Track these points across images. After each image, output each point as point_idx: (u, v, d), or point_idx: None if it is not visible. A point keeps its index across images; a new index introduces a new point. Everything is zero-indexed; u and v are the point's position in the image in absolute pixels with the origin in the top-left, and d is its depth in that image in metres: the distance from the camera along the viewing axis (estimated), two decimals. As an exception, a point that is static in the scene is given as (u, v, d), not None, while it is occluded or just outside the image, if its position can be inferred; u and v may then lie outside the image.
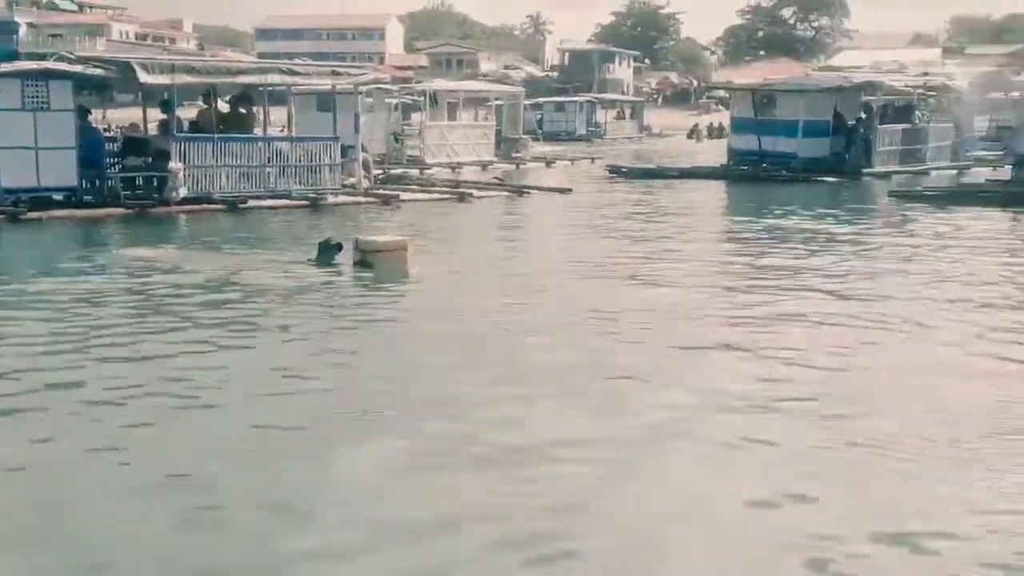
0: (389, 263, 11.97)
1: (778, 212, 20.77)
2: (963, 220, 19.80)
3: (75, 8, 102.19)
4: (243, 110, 21.19)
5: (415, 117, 34.35)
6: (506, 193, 24.60)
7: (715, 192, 26.81)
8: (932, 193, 24.41)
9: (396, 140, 32.50)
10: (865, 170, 29.51)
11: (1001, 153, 32.28)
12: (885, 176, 29.39)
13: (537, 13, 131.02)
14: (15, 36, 78.60)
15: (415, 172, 28.89)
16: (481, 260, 14.29)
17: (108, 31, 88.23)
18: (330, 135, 21.62)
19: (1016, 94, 27.10)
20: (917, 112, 33.01)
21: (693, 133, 62.52)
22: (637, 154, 43.41)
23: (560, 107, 59.96)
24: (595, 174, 31.73)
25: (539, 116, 54.50)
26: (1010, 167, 25.94)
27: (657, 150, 48.01)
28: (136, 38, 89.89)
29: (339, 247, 12.39)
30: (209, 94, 20.77)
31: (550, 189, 25.46)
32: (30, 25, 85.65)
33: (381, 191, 22.68)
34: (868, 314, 10.10)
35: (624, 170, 31.70)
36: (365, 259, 12.05)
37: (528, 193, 24.40)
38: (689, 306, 10.56)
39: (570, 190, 24.96)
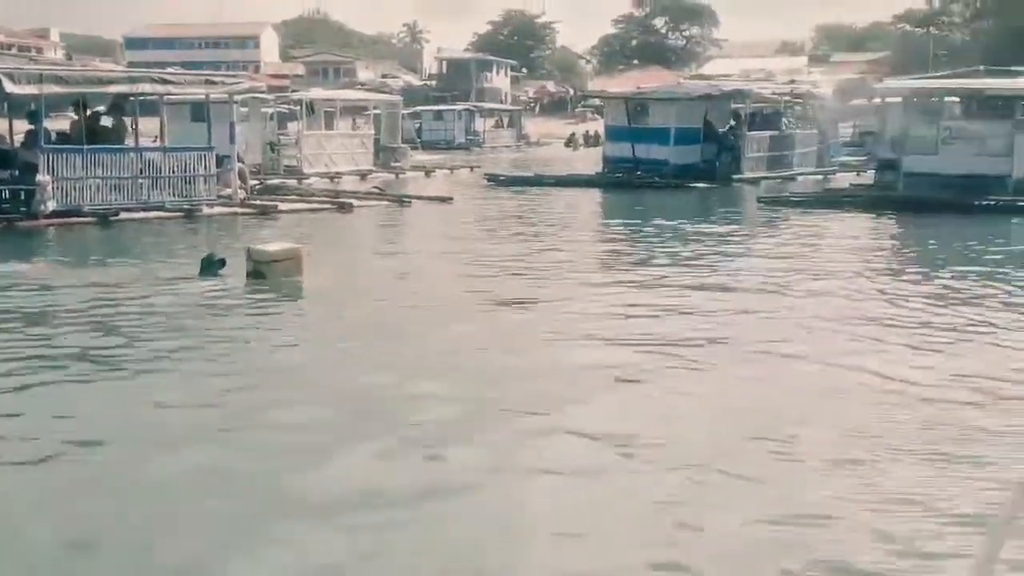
0: (283, 273, 11.80)
1: (651, 218, 21.20)
2: (827, 223, 20.61)
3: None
4: (114, 120, 20.87)
5: (291, 127, 34.07)
6: (387, 203, 24.64)
7: (591, 199, 27.22)
8: (799, 198, 25.18)
9: (272, 150, 32.16)
10: (735, 176, 30.17)
11: (864, 158, 33.50)
12: (754, 182, 30.10)
13: (414, 22, 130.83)
14: None
15: (293, 182, 28.66)
16: (372, 270, 14.26)
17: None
18: (204, 145, 21.37)
19: (878, 100, 27.72)
20: (784, 119, 33.87)
21: (570, 141, 63.30)
22: (515, 162, 43.82)
23: (438, 116, 60.09)
24: (474, 183, 31.92)
25: (418, 125, 54.61)
26: (873, 172, 26.69)
27: (535, 158, 48.51)
28: (0, 47, 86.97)
29: (222, 262, 12.21)
30: (79, 104, 20.31)
31: (431, 198, 25.55)
32: None
33: (258, 202, 22.50)
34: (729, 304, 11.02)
35: (502, 178, 31.96)
36: (258, 269, 11.83)
37: (409, 203, 24.48)
38: (565, 305, 11.11)
39: (451, 199, 25.11)
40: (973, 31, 79.67)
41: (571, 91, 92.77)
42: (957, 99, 25.10)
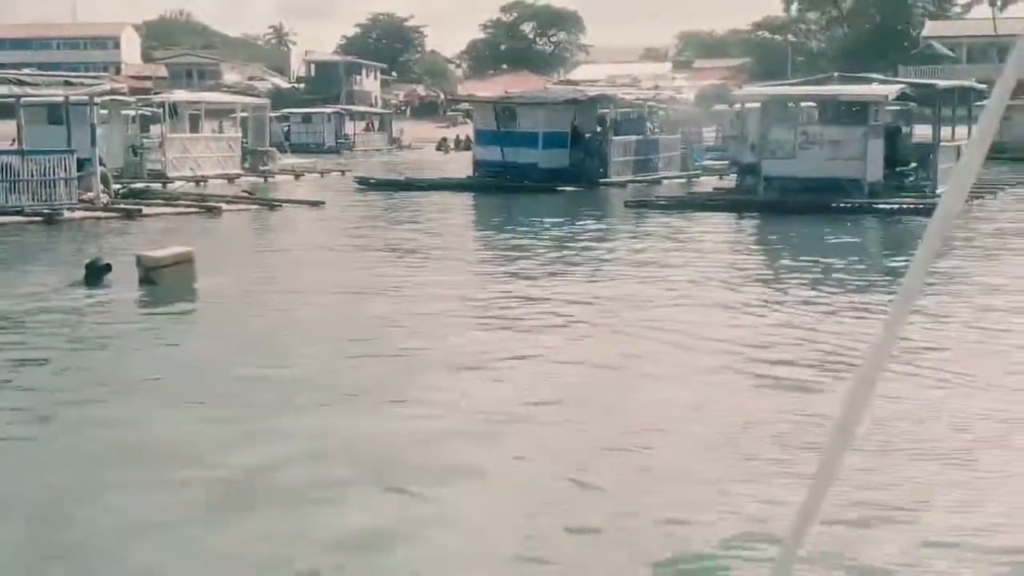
0: (175, 278, 11.70)
1: (523, 220, 21.54)
2: (691, 225, 21.19)
3: None
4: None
5: (155, 130, 33.33)
6: (256, 207, 24.43)
7: (462, 202, 27.46)
8: (664, 202, 25.66)
9: (135, 153, 31.43)
10: (602, 180, 30.59)
11: (727, 163, 34.03)
12: (621, 185, 30.57)
13: (280, 23, 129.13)
14: None
15: (157, 187, 28.23)
16: (258, 274, 14.19)
17: None
18: (64, 148, 20.94)
19: (738, 106, 28.65)
20: (649, 124, 34.39)
21: (442, 145, 63.21)
22: (387, 166, 43.72)
23: (307, 119, 59.32)
24: (345, 186, 31.77)
25: (286, 128, 54.06)
26: (735, 175, 27.39)
27: (407, 162, 48.43)
28: None
29: (108, 267, 12.03)
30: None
31: (301, 202, 25.41)
32: None
33: (122, 205, 22.17)
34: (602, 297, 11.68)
35: (372, 182, 31.91)
36: (149, 276, 11.71)
37: (279, 206, 24.29)
38: (442, 300, 11.82)
39: (322, 203, 25.00)
40: (828, 38, 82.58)
41: (442, 95, 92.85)
42: (813, 104, 25.85)
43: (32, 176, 20.23)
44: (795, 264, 14.93)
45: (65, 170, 20.72)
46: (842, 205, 22.66)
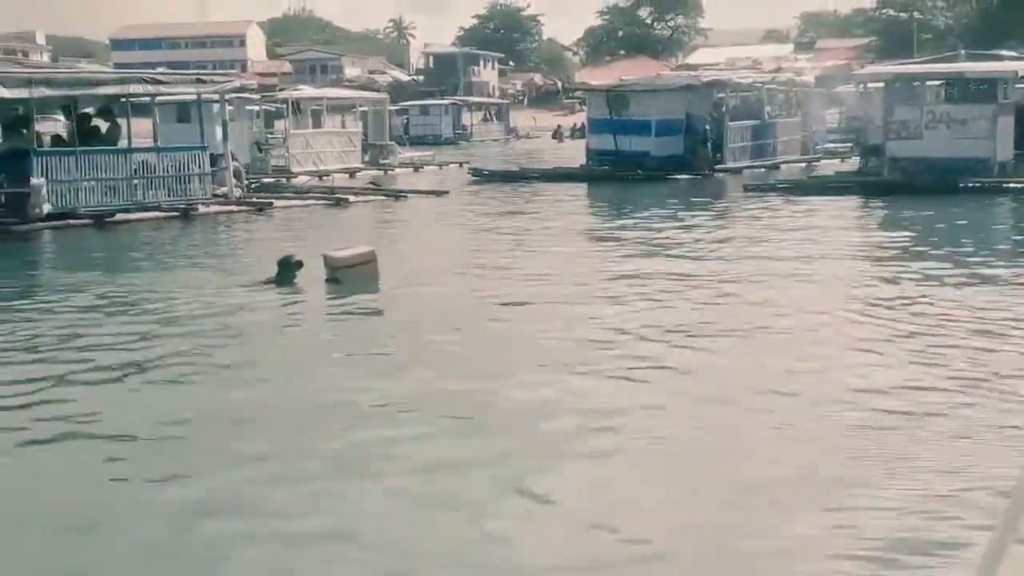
0: (359, 277, 11.82)
1: (638, 209, 21.49)
2: (815, 208, 20.85)
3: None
4: (106, 122, 21.07)
5: (278, 125, 33.97)
6: (382, 197, 24.75)
7: (575, 192, 27.22)
8: (785, 185, 25.31)
9: (259, 150, 32.09)
10: (718, 167, 30.19)
11: (850, 146, 33.50)
12: (737, 172, 30.18)
13: (400, 17, 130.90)
14: None
15: (283, 182, 28.85)
16: (425, 267, 14.05)
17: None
18: (197, 144, 21.58)
19: (861, 87, 28.18)
20: (766, 108, 33.79)
21: (556, 134, 63.30)
22: (503, 156, 43.83)
23: (425, 111, 59.71)
24: (463, 178, 31.94)
25: (405, 120, 54.56)
26: (858, 158, 26.94)
27: (523, 152, 48.51)
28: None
29: (300, 264, 11.99)
30: (68, 108, 20.55)
31: (427, 192, 25.56)
32: None
33: (254, 199, 22.66)
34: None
35: (486, 173, 31.98)
36: (335, 275, 11.82)
37: (405, 197, 24.53)
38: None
39: (447, 192, 25.14)
40: (956, 15, 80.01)
41: (559, 83, 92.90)
42: (940, 83, 25.31)
43: (168, 172, 20.82)
44: (941, 246, 14.81)
45: (199, 166, 21.27)
46: (971, 185, 22.24)
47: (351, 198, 23.49)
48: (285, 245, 14.91)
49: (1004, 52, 29.10)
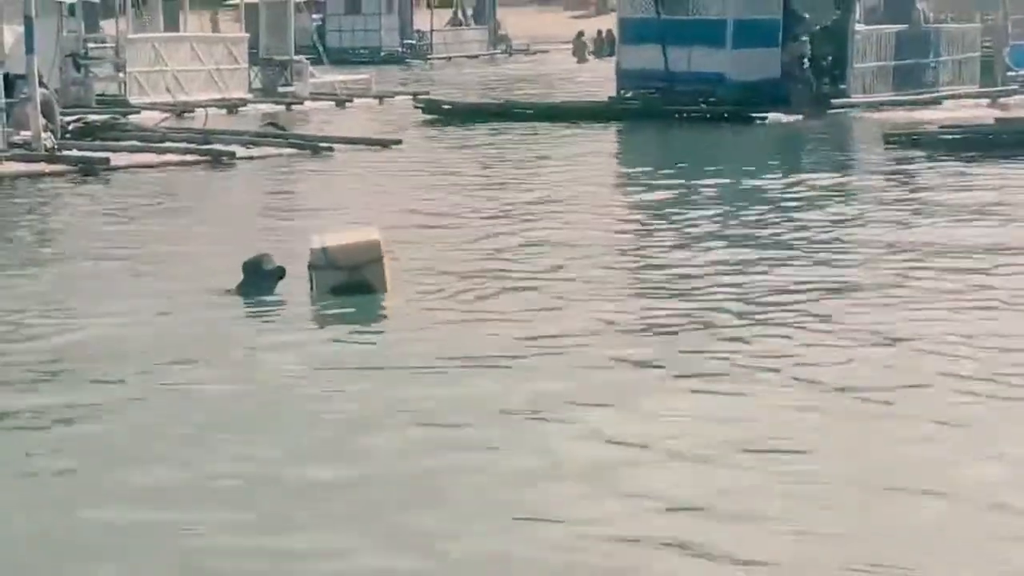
0: (362, 282, 11.48)
1: (697, 182, 19.19)
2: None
3: None
4: None
5: (106, 27, 32.32)
6: (289, 150, 23.13)
7: (594, 143, 25.38)
8: (957, 135, 22.77)
9: (77, 67, 29.63)
10: (835, 101, 28.36)
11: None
12: (870, 108, 28.72)
13: None
14: None
15: (119, 120, 26.27)
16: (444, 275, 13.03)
17: None
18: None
19: None
20: (921, 6, 31.66)
21: (578, 48, 57.07)
22: (487, 84, 42.57)
23: (355, 6, 56.19)
24: (414, 118, 30.39)
25: (321, 21, 52.50)
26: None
27: (518, 77, 46.80)
28: None
29: (281, 271, 11.70)
30: None
31: (363, 141, 24.08)
32: None
33: (77, 153, 21.00)
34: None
35: (447, 107, 30.32)
36: (358, 278, 11.43)
37: (329, 150, 22.87)
38: None
39: (398, 142, 23.84)
40: None
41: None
42: None
43: None
44: None
45: None
46: None
47: (237, 150, 22.10)
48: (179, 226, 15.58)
49: None
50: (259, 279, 11.78)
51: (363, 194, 19.59)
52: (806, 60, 28.52)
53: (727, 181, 19.41)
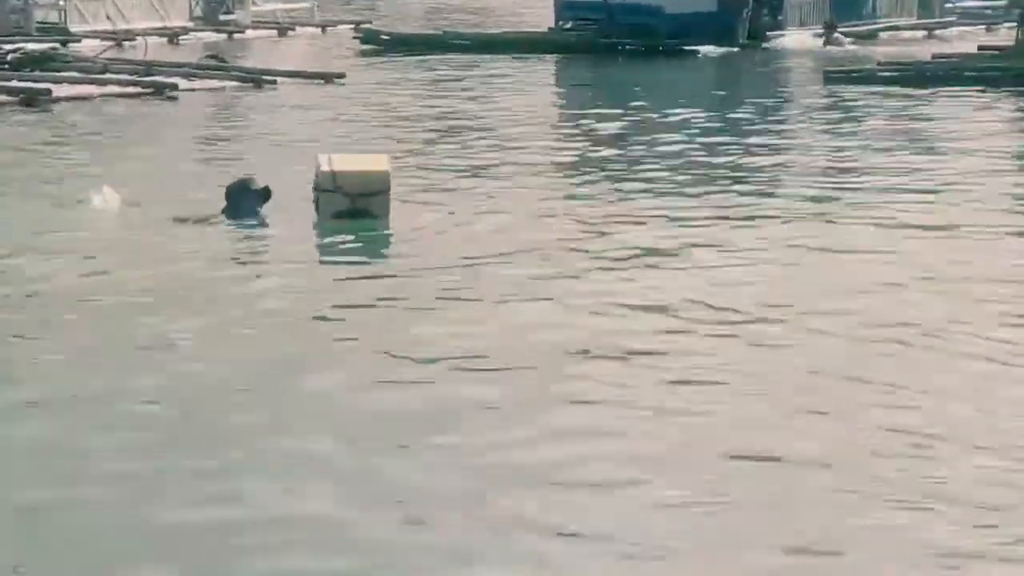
0: (365, 205, 11.51)
1: (634, 123, 19.17)
2: (948, 113, 19.47)
3: None
4: None
5: None
6: (233, 82, 23.21)
7: (532, 75, 25.47)
8: (892, 72, 23.11)
9: None
10: (770, 32, 28.64)
11: (1003, 6, 32.02)
12: (801, 39, 28.77)
13: None
14: None
15: (59, 50, 26.24)
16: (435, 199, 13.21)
17: None
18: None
19: None
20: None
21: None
22: (430, 12, 42.78)
23: None
24: (347, 49, 30.39)
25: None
26: (1017, 25, 25.42)
27: (462, 6, 46.37)
28: None
29: (267, 193, 11.60)
30: None
31: (305, 75, 24.04)
32: None
33: (16, 84, 20.97)
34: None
35: (385, 38, 30.35)
36: (361, 205, 11.39)
37: (271, 83, 23.00)
38: None
39: (341, 76, 23.82)
40: None
41: None
42: None
43: None
44: None
45: None
46: None
47: (180, 83, 22.06)
48: (128, 156, 15.27)
49: None
50: (244, 201, 11.74)
51: (308, 126, 19.08)
52: None
53: (668, 132, 18.79)
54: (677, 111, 19.81)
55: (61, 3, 29.67)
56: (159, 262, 10.27)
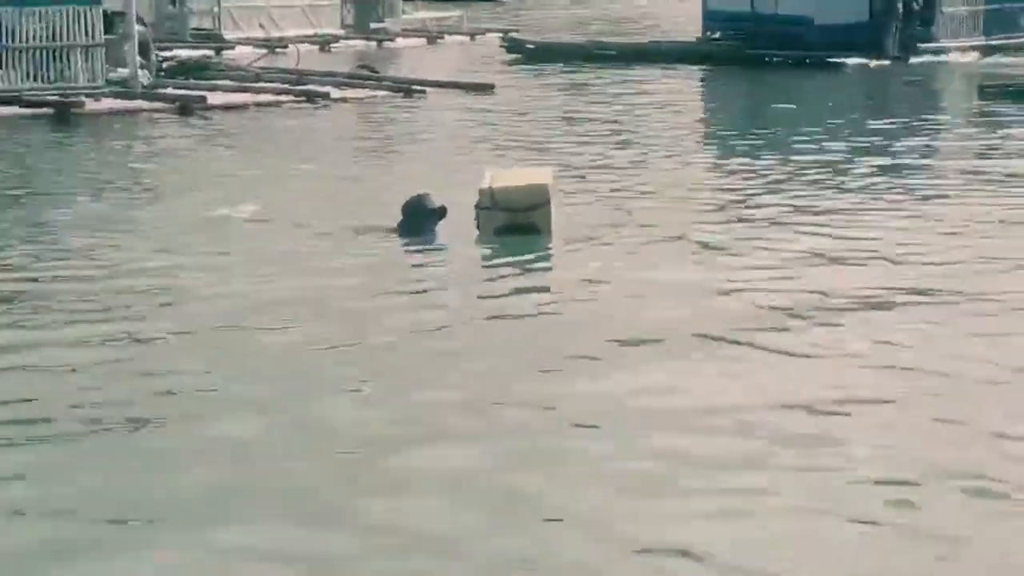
0: (525, 225, 11.49)
1: (783, 134, 19.05)
2: None
3: None
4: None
5: None
6: (384, 92, 23.20)
7: (683, 86, 25.71)
8: None
9: (172, 1, 30.23)
10: (923, 45, 28.17)
11: None
12: (954, 53, 28.36)
13: None
14: None
15: (212, 56, 27.43)
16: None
17: None
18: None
19: None
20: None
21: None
22: (578, 21, 42.48)
23: None
24: (492, 57, 30.66)
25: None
26: None
27: (609, 15, 46.38)
28: None
29: (443, 211, 11.60)
30: None
31: (459, 87, 24.04)
32: None
33: (172, 91, 21.37)
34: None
35: (530, 47, 30.41)
36: (521, 220, 11.43)
37: (421, 93, 23.04)
38: None
39: (491, 87, 23.94)
40: None
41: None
42: None
43: (33, 42, 19.75)
44: None
45: (87, 33, 20.01)
46: None
47: (331, 91, 22.29)
48: (284, 169, 15.41)
49: None
50: (420, 219, 11.73)
51: (460, 137, 19.14)
52: (894, 5, 28.26)
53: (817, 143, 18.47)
54: (834, 124, 19.33)
55: (215, 10, 30.22)
56: (327, 274, 10.33)
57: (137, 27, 21.54)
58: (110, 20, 20.94)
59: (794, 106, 21.84)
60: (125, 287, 9.98)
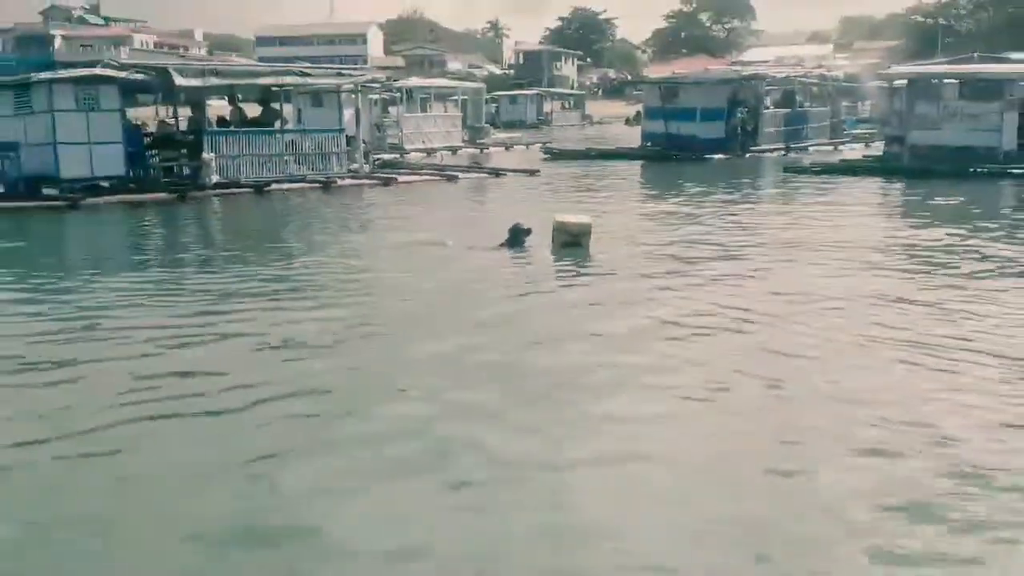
0: (577, 244, 11.23)
1: (694, 189, 20.92)
2: (847, 189, 20.47)
3: (102, 22, 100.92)
4: (266, 109, 21.55)
5: (393, 110, 34.22)
6: (484, 174, 24.28)
7: (634, 169, 27.04)
8: (820, 168, 24.93)
9: (378, 130, 32.16)
10: (753, 148, 30.01)
11: (874, 130, 33.76)
12: (770, 152, 30.11)
13: (496, 19, 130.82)
14: (51, 48, 78.02)
15: (399, 158, 28.95)
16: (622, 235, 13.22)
17: (130, 41, 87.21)
18: (335, 127, 21.85)
19: (889, 84, 27.42)
20: (798, 98, 33.60)
21: (629, 120, 62.60)
22: (579, 138, 43.48)
23: (514, 99, 59.19)
24: (540, 156, 31.65)
25: (496, 107, 54.58)
26: (883, 144, 26.73)
27: (594, 135, 48.00)
28: (155, 47, 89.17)
29: (528, 231, 11.42)
30: (232, 96, 21.26)
31: (520, 171, 24.98)
32: (64, 38, 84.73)
33: (380, 174, 22.49)
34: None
35: (556, 151, 31.99)
36: (576, 240, 11.25)
37: (504, 174, 24.00)
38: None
39: (537, 172, 24.26)
40: (976, 20, 77.77)
41: (628, 77, 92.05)
42: (955, 81, 24.92)
43: (311, 150, 20.84)
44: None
45: (337, 145, 21.25)
46: (980, 170, 22.20)
47: (459, 174, 23.11)
48: (438, 214, 15.48)
49: (1014, 55, 28.51)
50: (518, 237, 11.49)
51: (525, 197, 19.16)
52: (739, 128, 30.05)
53: (710, 189, 19.73)
54: (712, 189, 20.09)
55: (400, 134, 31.94)
56: (472, 267, 10.56)
57: (362, 143, 22.65)
58: (348, 139, 21.62)
59: (692, 182, 22.11)
60: (360, 277, 10.31)
